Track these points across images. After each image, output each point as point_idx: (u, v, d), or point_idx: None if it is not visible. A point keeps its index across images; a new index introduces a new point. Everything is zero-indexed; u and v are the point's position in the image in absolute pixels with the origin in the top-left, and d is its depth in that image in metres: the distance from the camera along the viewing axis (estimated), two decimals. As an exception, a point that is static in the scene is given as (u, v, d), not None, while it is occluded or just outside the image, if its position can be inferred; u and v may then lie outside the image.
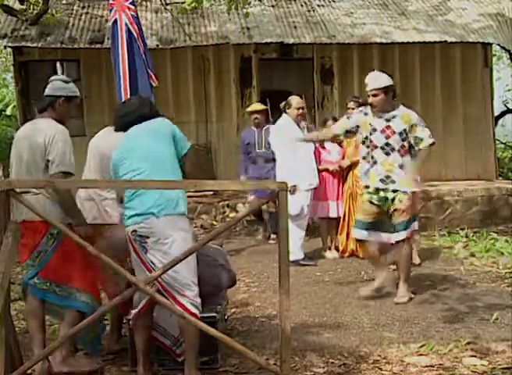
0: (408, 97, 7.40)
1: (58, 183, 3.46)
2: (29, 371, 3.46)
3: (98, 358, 4.32)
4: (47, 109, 4.19)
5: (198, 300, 3.78)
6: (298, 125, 7.14)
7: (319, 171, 7.33)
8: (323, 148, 7.52)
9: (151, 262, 3.72)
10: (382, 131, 5.52)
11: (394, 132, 5.49)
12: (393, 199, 5.53)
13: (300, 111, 7.07)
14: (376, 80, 5.52)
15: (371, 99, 5.51)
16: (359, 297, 5.68)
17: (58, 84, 4.22)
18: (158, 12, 10.70)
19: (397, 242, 5.59)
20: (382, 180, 5.56)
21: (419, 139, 5.47)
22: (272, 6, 10.94)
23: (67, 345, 4.07)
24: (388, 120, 5.51)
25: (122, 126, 4.00)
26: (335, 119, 7.53)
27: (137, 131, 3.92)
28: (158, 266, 3.61)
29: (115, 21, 6.65)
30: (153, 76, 6.87)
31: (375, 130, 5.55)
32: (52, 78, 4.31)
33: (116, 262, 3.48)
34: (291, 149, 6.94)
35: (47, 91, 4.21)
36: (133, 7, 6.62)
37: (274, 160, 7.44)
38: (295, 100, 7.10)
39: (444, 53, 10.61)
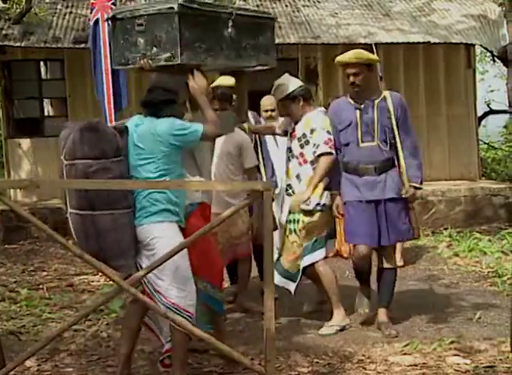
0: (392, 97, 7.39)
1: (41, 182, 3.43)
2: (12, 373, 3.43)
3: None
4: None
5: (173, 301, 3.63)
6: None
7: None
8: None
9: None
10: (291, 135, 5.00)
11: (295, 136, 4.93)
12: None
13: (269, 113, 6.65)
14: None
15: None
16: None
17: None
18: (143, 12, 10.67)
19: None
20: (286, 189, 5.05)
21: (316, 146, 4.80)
22: (257, 6, 10.92)
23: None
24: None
25: None
26: None
27: None
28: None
29: (97, 20, 6.70)
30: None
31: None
32: None
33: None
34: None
35: None
36: (114, 7, 6.67)
37: None
38: (263, 102, 6.57)
39: (428, 54, 10.65)
